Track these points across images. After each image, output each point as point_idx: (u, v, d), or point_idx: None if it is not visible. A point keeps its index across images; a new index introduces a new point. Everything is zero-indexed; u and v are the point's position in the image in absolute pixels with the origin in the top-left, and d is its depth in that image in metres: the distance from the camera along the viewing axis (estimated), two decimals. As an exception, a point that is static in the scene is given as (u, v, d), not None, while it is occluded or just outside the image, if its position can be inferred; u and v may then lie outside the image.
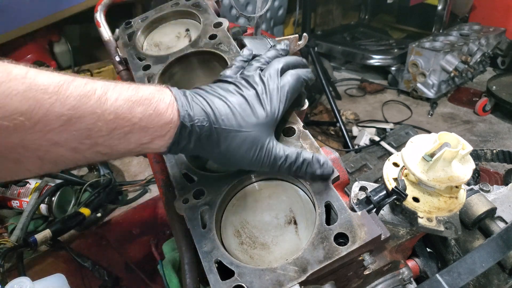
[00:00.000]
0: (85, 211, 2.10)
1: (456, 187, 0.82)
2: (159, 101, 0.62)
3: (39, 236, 1.84)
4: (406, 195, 0.80)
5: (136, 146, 0.61)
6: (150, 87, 0.64)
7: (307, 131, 0.83)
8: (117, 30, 1.27)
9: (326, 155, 0.79)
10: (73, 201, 2.25)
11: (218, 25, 1.13)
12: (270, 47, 0.92)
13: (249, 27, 1.49)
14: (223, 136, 0.66)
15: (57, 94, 0.51)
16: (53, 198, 2.10)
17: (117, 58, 1.24)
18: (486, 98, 3.28)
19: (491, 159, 1.51)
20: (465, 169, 0.77)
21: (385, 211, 0.88)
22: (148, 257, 1.96)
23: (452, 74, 3.37)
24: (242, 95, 0.70)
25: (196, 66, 1.14)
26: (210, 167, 0.93)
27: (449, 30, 3.83)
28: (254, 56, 0.83)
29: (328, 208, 0.71)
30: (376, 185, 0.89)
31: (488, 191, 1.01)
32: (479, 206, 0.89)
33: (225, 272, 0.67)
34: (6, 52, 2.84)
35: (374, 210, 0.81)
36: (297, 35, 1.39)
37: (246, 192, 0.81)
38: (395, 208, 0.86)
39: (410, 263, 0.92)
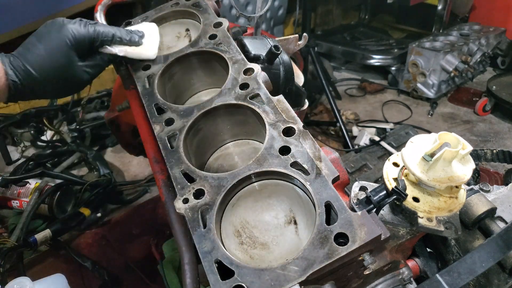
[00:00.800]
0: (85, 211, 2.10)
1: (456, 187, 0.82)
2: None
3: (39, 236, 1.84)
4: (406, 195, 0.80)
5: None
6: None
7: (307, 131, 0.83)
8: (117, 30, 1.27)
9: (326, 155, 0.79)
10: (73, 201, 2.25)
11: (218, 25, 1.13)
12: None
13: (249, 27, 1.50)
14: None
15: None
16: (53, 198, 2.10)
17: (117, 58, 1.24)
18: (486, 98, 3.28)
19: (491, 159, 1.52)
20: (465, 169, 0.77)
21: (385, 211, 0.88)
22: (148, 257, 1.96)
23: (452, 74, 3.38)
24: None
25: (196, 66, 1.14)
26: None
27: (449, 30, 3.83)
28: None
29: (328, 208, 0.71)
30: (376, 185, 0.89)
31: (488, 191, 1.01)
32: (479, 206, 0.89)
33: (225, 272, 0.67)
34: (6, 52, 2.84)
35: (374, 210, 0.81)
36: (297, 35, 1.39)
37: (246, 192, 0.81)
38: (395, 208, 0.86)
39: (410, 263, 0.92)
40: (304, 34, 1.37)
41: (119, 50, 1.05)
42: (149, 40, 1.10)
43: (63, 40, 0.93)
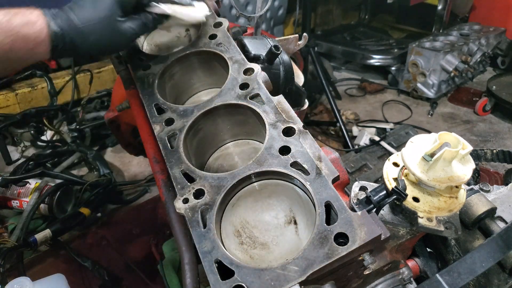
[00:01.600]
0: (85, 211, 2.10)
1: (456, 187, 0.82)
2: (29, 14, 0.83)
3: (39, 236, 1.84)
4: (406, 195, 0.80)
5: (24, 54, 0.83)
6: (15, 9, 0.83)
7: (307, 131, 0.83)
8: (117, 30, 1.27)
9: (326, 155, 0.79)
10: (73, 201, 2.25)
11: (218, 25, 1.13)
12: None
13: (249, 27, 1.50)
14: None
15: None
16: (53, 198, 2.10)
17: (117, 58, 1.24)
18: (486, 98, 3.28)
19: (491, 159, 1.52)
20: (465, 169, 0.77)
21: (385, 211, 0.88)
22: (148, 257, 1.96)
23: (452, 74, 3.37)
24: None
25: (196, 66, 1.14)
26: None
27: (449, 30, 3.83)
28: None
29: (328, 208, 0.71)
30: (376, 185, 0.89)
31: (488, 191, 1.01)
32: (479, 206, 0.89)
33: (225, 272, 0.67)
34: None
35: (374, 210, 0.81)
36: (297, 35, 1.39)
37: (246, 192, 0.81)
38: (395, 208, 0.86)
39: (410, 263, 0.92)
40: (304, 34, 1.37)
41: (167, 7, 0.98)
42: (199, 2, 1.05)
43: None
